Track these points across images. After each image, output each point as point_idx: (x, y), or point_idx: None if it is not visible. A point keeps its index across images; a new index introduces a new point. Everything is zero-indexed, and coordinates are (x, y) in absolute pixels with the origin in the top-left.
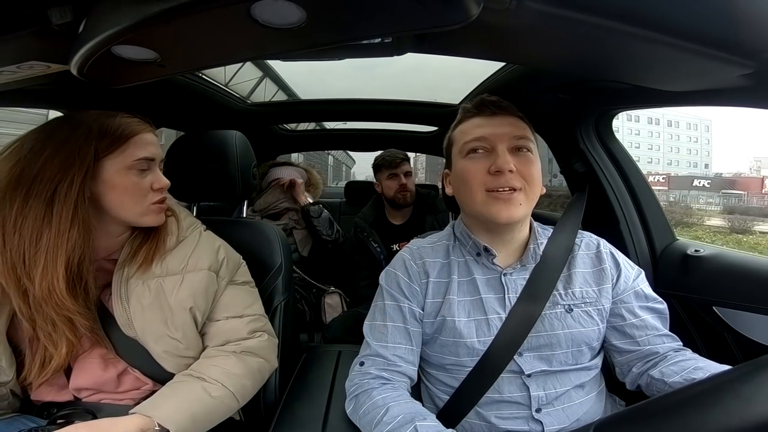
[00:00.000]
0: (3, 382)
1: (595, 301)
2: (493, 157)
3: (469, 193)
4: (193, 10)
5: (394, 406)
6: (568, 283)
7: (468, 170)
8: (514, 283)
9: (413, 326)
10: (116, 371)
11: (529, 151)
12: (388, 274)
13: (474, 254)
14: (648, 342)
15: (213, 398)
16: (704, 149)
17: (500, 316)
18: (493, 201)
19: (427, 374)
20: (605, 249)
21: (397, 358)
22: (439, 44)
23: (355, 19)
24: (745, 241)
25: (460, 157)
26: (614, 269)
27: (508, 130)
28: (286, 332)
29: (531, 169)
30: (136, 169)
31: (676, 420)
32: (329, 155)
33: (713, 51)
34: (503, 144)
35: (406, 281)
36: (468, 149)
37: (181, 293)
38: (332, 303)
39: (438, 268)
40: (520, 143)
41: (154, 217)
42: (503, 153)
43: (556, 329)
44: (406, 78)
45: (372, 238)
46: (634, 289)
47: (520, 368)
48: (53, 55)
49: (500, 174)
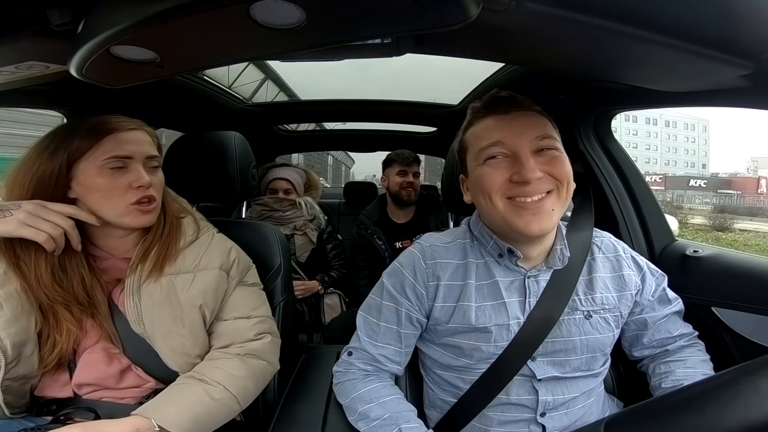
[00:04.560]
0: (28, 375)
1: (614, 307)
2: (516, 165)
3: (491, 204)
4: (192, 10)
5: (376, 407)
6: (589, 289)
7: (487, 179)
8: (536, 286)
9: (407, 329)
10: (120, 367)
11: (555, 149)
12: (395, 270)
13: (495, 255)
14: (662, 344)
15: (215, 401)
16: (702, 149)
17: (519, 320)
18: (520, 212)
19: (432, 374)
20: (626, 254)
21: (384, 357)
22: (439, 45)
23: (355, 20)
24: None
25: (477, 163)
26: (637, 275)
27: (528, 130)
28: (285, 332)
29: (561, 168)
30: (108, 167)
31: (693, 414)
32: (329, 155)
33: (712, 52)
34: (525, 148)
35: (411, 282)
36: (485, 156)
37: (192, 290)
38: (331, 303)
39: (451, 269)
40: (543, 143)
41: (136, 217)
42: (527, 159)
43: (573, 335)
44: (405, 78)
45: (376, 236)
46: (658, 296)
47: (533, 372)
48: (52, 56)
49: (525, 183)
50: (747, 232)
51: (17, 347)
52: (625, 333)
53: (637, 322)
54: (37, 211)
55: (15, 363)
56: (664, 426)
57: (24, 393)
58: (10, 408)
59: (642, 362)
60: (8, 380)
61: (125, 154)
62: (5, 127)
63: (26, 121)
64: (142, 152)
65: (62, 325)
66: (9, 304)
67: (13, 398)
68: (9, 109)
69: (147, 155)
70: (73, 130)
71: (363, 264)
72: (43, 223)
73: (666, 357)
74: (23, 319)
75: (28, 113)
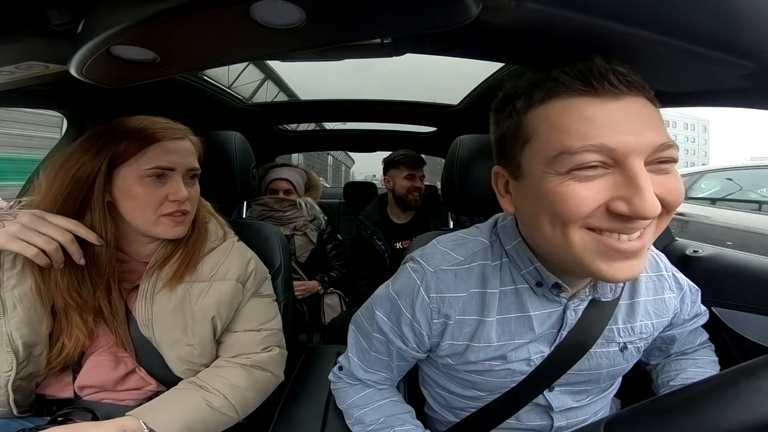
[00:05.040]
0: (35, 374)
1: (650, 336)
2: (625, 187)
3: (562, 236)
4: (191, 10)
5: (370, 412)
6: (629, 316)
7: (572, 201)
8: (573, 316)
9: (399, 361)
10: (126, 370)
11: (673, 162)
12: (389, 299)
13: (532, 283)
14: (682, 351)
15: (212, 409)
16: (701, 149)
17: (543, 354)
18: (610, 254)
19: (434, 393)
20: (668, 273)
21: (374, 383)
22: (439, 45)
23: (355, 20)
24: None
25: (553, 171)
26: (677, 297)
27: (650, 135)
28: (285, 333)
29: (678, 191)
30: (150, 177)
31: (693, 414)
32: (329, 155)
33: (712, 51)
34: (640, 159)
35: (408, 318)
36: (574, 164)
37: (206, 301)
38: (331, 303)
39: (463, 303)
40: (665, 155)
41: (168, 229)
42: (645, 181)
43: (603, 368)
44: (405, 78)
45: (376, 236)
46: (694, 312)
47: (549, 403)
48: (52, 56)
49: (635, 219)
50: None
51: (28, 347)
52: (648, 346)
53: (665, 338)
54: (32, 223)
55: (26, 363)
56: (664, 426)
57: (30, 392)
58: (18, 407)
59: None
60: (19, 380)
61: (168, 166)
62: (5, 127)
63: (26, 121)
64: (184, 164)
65: (73, 331)
66: (23, 304)
67: (21, 397)
68: (8, 109)
69: (188, 167)
70: (122, 133)
71: (363, 264)
72: (36, 237)
73: (678, 357)
74: (36, 321)
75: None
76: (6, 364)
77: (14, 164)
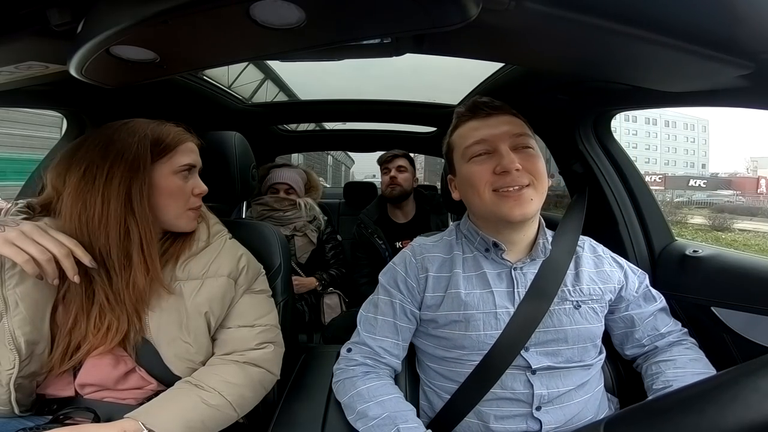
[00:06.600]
0: (37, 372)
1: (599, 298)
2: (497, 158)
3: (478, 196)
4: (191, 10)
5: (374, 406)
6: (576, 281)
7: (474, 174)
8: (523, 278)
9: (402, 321)
10: (126, 369)
11: (530, 147)
12: (389, 268)
13: (482, 250)
14: (651, 341)
15: (209, 407)
16: (701, 149)
17: (509, 310)
18: (503, 200)
19: (427, 369)
20: (605, 255)
21: (382, 350)
22: (438, 45)
23: (354, 20)
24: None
25: (464, 161)
26: (619, 272)
27: (507, 128)
28: (285, 332)
29: (536, 164)
30: (181, 173)
31: (693, 414)
32: (329, 155)
33: (712, 52)
34: (504, 143)
35: (402, 276)
36: (470, 154)
37: (198, 298)
38: (331, 303)
39: (438, 263)
40: (520, 141)
41: (188, 221)
42: (507, 153)
43: (564, 325)
44: (405, 78)
45: (377, 235)
46: (642, 293)
47: (527, 363)
48: (52, 56)
49: (507, 174)
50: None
51: (30, 345)
52: (614, 331)
53: (624, 319)
54: (31, 232)
55: (28, 361)
56: (664, 426)
57: (32, 390)
58: (20, 406)
59: (636, 361)
60: (20, 378)
61: (193, 163)
62: (5, 128)
63: (26, 121)
64: (199, 162)
65: (76, 332)
66: (25, 302)
67: (23, 396)
68: (8, 109)
69: (199, 166)
70: (163, 133)
71: (363, 263)
72: (31, 246)
73: (656, 356)
74: (38, 319)
75: (28, 113)
76: (8, 362)
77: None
